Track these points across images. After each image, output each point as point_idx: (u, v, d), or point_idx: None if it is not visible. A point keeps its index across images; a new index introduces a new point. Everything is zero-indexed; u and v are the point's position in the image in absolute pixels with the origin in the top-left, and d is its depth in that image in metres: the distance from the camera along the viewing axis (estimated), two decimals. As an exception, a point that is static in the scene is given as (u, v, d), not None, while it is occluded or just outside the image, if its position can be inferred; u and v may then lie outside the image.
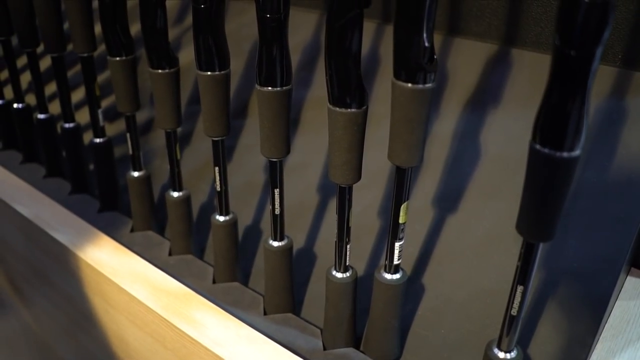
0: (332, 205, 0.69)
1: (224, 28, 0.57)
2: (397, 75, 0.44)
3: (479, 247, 0.59)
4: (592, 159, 0.58)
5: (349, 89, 0.46)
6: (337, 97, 0.47)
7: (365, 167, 0.51)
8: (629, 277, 0.65)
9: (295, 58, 0.78)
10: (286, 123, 0.54)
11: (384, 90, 0.70)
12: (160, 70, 0.63)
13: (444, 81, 0.67)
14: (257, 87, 0.53)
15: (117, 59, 0.69)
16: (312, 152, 0.72)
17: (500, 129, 0.63)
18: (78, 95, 1.04)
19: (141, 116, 0.89)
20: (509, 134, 0.62)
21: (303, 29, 0.80)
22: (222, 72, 0.57)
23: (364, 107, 0.47)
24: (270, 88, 0.52)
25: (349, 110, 0.47)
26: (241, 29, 0.86)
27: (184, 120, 0.80)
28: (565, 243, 0.56)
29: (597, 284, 0.54)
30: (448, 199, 0.63)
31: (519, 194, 0.41)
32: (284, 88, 0.52)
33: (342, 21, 0.44)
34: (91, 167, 0.91)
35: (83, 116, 0.92)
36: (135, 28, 0.71)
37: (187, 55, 0.86)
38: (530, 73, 0.64)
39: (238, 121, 0.81)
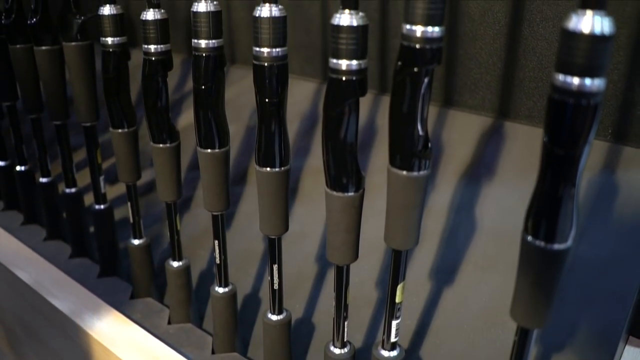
0: (330, 275, 0.70)
1: (224, 107, 0.58)
2: (393, 162, 0.45)
3: (476, 321, 0.60)
4: (585, 233, 0.59)
5: (346, 174, 0.47)
6: (334, 181, 0.48)
7: (362, 237, 0.51)
8: (627, 347, 0.65)
9: (293, 127, 0.80)
10: (285, 202, 0.55)
11: (380, 160, 0.72)
12: (161, 145, 0.65)
13: (439, 153, 0.69)
14: (256, 167, 0.54)
15: (119, 130, 0.70)
16: (310, 222, 0.73)
17: (494, 202, 0.64)
18: (79, 155, 1.05)
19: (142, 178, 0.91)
20: (503, 207, 0.64)
21: (301, 97, 0.82)
22: (222, 149, 0.59)
23: (361, 191, 0.49)
24: (269, 169, 0.53)
25: (346, 194, 0.48)
26: (240, 96, 0.88)
27: (185, 184, 0.81)
28: (562, 316, 0.57)
29: (596, 357, 0.55)
30: (445, 272, 0.63)
31: (514, 266, 0.42)
32: (283, 169, 0.53)
33: (338, 109, 0.45)
34: (91, 229, 0.92)
35: (84, 177, 0.92)
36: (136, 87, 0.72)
37: (188, 117, 0.88)
38: (523, 146, 0.65)
39: (238, 188, 0.82)
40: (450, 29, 0.68)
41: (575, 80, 0.34)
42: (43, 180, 0.94)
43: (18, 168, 0.99)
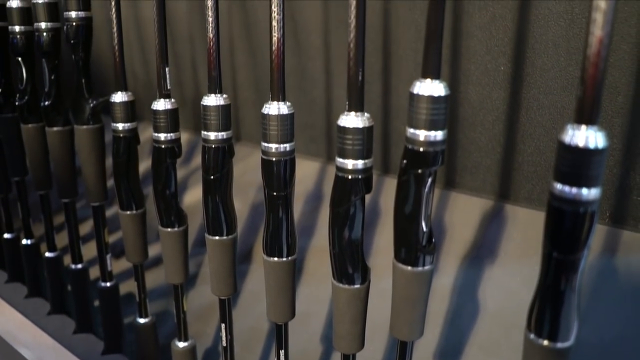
0: (335, 355, 0.70)
1: (232, 195, 0.60)
2: (398, 256, 0.46)
3: (481, 406, 0.60)
4: (585, 316, 0.59)
5: (352, 267, 0.49)
6: (341, 274, 0.49)
7: (367, 318, 0.52)
8: None
9: (298, 206, 0.81)
10: (292, 290, 0.56)
11: (383, 240, 0.73)
12: (169, 229, 0.66)
13: (442, 235, 0.70)
14: (264, 256, 0.55)
15: (128, 212, 0.72)
16: (315, 302, 0.74)
17: (497, 284, 0.65)
18: (86, 226, 1.06)
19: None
20: (505, 289, 0.64)
21: (306, 176, 0.84)
22: (230, 236, 0.60)
23: (367, 283, 0.50)
24: (276, 259, 0.54)
25: (352, 286, 0.49)
26: (246, 174, 0.90)
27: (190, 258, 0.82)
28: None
29: None
30: (449, 355, 0.64)
31: (518, 351, 0.42)
32: (290, 258, 0.55)
33: (345, 207, 0.47)
34: (96, 303, 0.92)
35: (89, 249, 0.93)
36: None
37: (193, 194, 0.90)
38: (524, 229, 0.67)
39: (243, 266, 0.83)
40: (451, 113, 0.70)
41: (573, 190, 0.36)
42: (49, 254, 0.95)
43: (24, 241, 1.00)
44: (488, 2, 0.64)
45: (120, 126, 0.69)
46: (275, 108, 0.50)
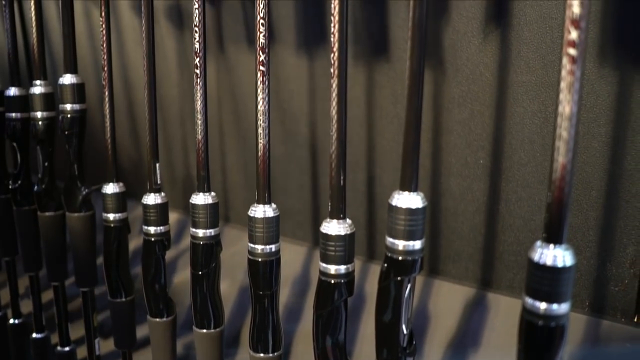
0: None
1: (219, 289, 0.61)
2: (379, 357, 0.47)
3: None
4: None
5: (336, 366, 0.50)
6: (325, 373, 0.50)
7: None
8: None
9: (284, 291, 0.82)
10: (277, 384, 0.57)
11: (368, 328, 0.74)
12: (157, 319, 0.67)
13: (426, 322, 0.71)
14: (250, 352, 0.56)
15: (117, 300, 0.73)
16: (301, 389, 0.75)
17: (481, 374, 0.66)
18: (75, 304, 1.06)
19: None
20: (489, 379, 0.65)
21: (292, 260, 0.85)
22: (217, 329, 0.61)
23: (350, 381, 0.51)
24: (262, 354, 0.55)
25: (335, 386, 0.50)
26: (234, 256, 0.91)
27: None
28: None
29: None
30: None
31: None
32: (276, 354, 0.56)
33: (328, 309, 0.48)
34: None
35: (77, 329, 0.93)
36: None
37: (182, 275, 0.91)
38: (505, 318, 0.68)
39: (231, 349, 0.84)
40: (434, 203, 0.73)
41: (543, 305, 0.37)
42: (36, 335, 0.95)
43: (12, 321, 1.00)
44: (467, 100, 0.68)
45: (111, 216, 0.71)
46: (261, 211, 0.52)
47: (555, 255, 0.37)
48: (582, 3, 0.34)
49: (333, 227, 0.47)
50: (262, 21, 0.49)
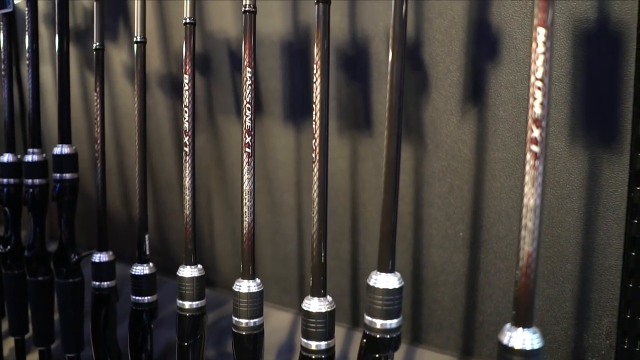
0: None
1: (204, 357, 0.62)
2: None
3: None
4: None
5: None
6: None
7: None
8: None
9: (271, 357, 0.83)
10: None
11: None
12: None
13: (408, 392, 0.72)
14: None
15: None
16: None
17: None
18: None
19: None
20: None
21: (279, 326, 0.86)
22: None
23: None
24: None
25: None
26: (221, 320, 0.92)
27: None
28: None
29: None
30: None
31: None
32: None
33: (309, 384, 0.50)
34: None
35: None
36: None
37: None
38: (487, 388, 0.69)
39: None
40: (416, 274, 0.74)
41: (513, 387, 0.39)
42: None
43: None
44: (447, 174, 0.70)
45: (100, 284, 0.72)
46: (245, 286, 0.54)
47: (524, 339, 0.39)
48: (542, 105, 0.37)
49: (314, 305, 0.49)
50: (248, 105, 0.52)
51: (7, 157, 0.89)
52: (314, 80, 0.49)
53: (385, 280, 0.45)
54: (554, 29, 0.37)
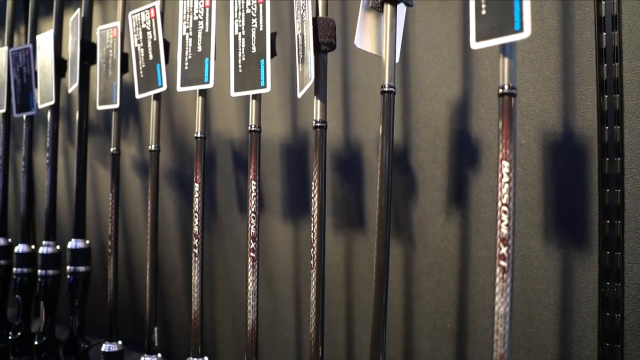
0: None
1: None
2: None
3: None
4: None
5: None
6: None
7: None
8: None
9: None
10: None
11: None
12: None
13: None
14: None
15: None
16: None
17: None
18: None
19: None
20: None
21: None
22: None
23: None
24: None
25: None
26: None
27: None
28: None
29: None
30: None
31: None
32: None
33: None
34: None
35: None
36: None
37: None
38: None
39: None
40: (406, 362, 0.79)
41: None
42: None
43: None
44: (434, 270, 0.76)
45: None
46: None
47: None
48: (508, 226, 0.43)
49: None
50: (253, 214, 0.58)
51: (22, 248, 0.94)
52: (313, 179, 0.55)
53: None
54: (516, 160, 0.44)
